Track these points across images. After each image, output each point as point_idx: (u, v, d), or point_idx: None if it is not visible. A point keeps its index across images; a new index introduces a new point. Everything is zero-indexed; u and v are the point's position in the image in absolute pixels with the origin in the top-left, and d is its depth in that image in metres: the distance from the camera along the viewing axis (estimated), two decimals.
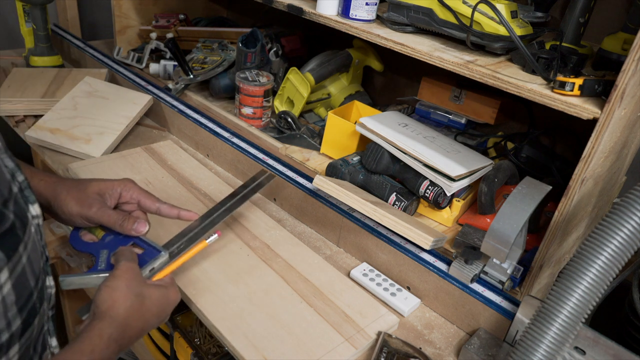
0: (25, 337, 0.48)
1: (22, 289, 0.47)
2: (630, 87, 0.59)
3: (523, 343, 0.55)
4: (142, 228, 0.68)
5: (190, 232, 0.73)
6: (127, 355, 1.49)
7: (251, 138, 1.09)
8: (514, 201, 0.69)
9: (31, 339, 0.50)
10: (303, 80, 1.13)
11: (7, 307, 0.45)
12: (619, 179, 0.95)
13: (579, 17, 0.83)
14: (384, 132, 0.90)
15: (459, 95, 1.07)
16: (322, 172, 1.00)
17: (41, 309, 0.51)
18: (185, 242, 0.71)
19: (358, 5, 0.85)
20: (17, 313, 0.46)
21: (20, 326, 0.47)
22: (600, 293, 0.53)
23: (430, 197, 0.86)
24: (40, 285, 0.51)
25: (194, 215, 0.73)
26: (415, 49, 0.78)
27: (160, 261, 0.67)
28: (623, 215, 0.51)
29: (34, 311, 0.49)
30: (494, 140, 1.04)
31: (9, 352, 0.46)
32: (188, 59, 1.28)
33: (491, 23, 0.74)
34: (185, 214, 0.73)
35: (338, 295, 0.78)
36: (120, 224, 0.67)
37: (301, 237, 0.94)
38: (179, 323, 0.90)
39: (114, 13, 1.45)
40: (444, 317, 0.81)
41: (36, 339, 0.53)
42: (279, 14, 1.14)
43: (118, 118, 1.16)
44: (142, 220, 0.68)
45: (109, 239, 0.69)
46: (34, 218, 0.51)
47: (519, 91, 0.67)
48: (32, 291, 0.49)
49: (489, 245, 0.70)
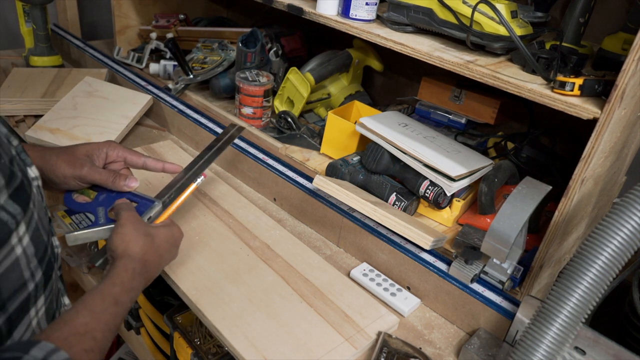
0: (48, 290, 0.53)
1: (39, 242, 0.50)
2: (630, 87, 0.59)
3: (523, 343, 0.55)
4: (133, 183, 0.72)
5: (177, 182, 0.79)
6: (127, 355, 1.49)
7: (251, 138, 1.09)
8: (514, 201, 0.69)
9: (53, 293, 0.55)
10: (303, 80, 1.13)
11: (29, 258, 0.48)
12: (619, 179, 0.95)
13: (579, 17, 0.83)
14: (384, 132, 0.90)
15: (459, 95, 1.07)
16: (322, 172, 1.00)
17: (56, 265, 0.55)
18: (174, 191, 0.77)
19: (358, 5, 0.85)
20: (38, 264, 0.50)
21: (42, 277, 0.51)
22: (600, 293, 0.53)
23: (430, 197, 0.86)
24: (51, 241, 0.55)
25: (177, 168, 0.79)
26: (415, 49, 0.78)
27: (156, 210, 0.72)
28: (623, 215, 0.51)
29: (51, 264, 0.53)
30: (494, 140, 1.04)
31: (37, 303, 0.51)
32: (188, 59, 1.28)
33: (491, 23, 0.73)
34: (170, 166, 0.78)
35: (338, 295, 0.78)
36: (112, 180, 0.71)
37: (301, 237, 0.94)
38: (179, 323, 0.90)
39: (114, 13, 1.45)
40: (444, 317, 0.81)
41: (56, 294, 0.57)
42: (279, 14, 1.14)
43: (118, 118, 1.16)
44: (132, 177, 0.73)
45: (102, 197, 0.73)
46: (33, 179, 0.54)
47: (519, 91, 0.67)
48: (47, 245, 0.53)
49: (489, 245, 0.70)
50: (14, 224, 0.46)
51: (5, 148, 0.48)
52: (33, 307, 0.50)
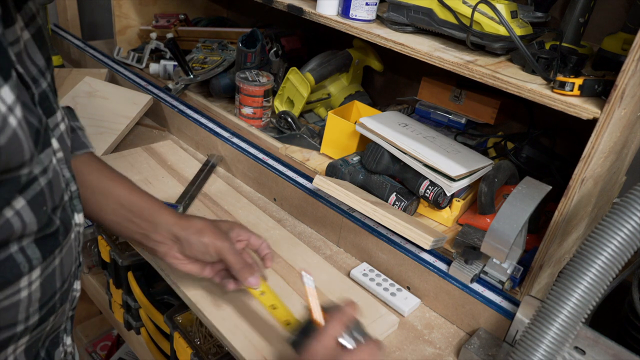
0: (37, 331, 0.51)
1: (48, 289, 0.49)
2: (630, 87, 0.59)
3: (523, 343, 0.55)
4: (254, 282, 0.68)
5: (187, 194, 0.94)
6: (127, 355, 1.49)
7: (251, 138, 1.10)
8: (514, 201, 0.69)
9: (42, 333, 0.53)
10: (303, 80, 1.13)
11: (32, 302, 0.47)
12: (619, 179, 0.95)
13: (579, 17, 0.83)
14: (384, 132, 0.90)
15: (459, 95, 1.07)
16: (322, 172, 1.00)
17: (60, 309, 0.54)
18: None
19: (358, 6, 0.85)
20: (38, 310, 0.49)
21: (36, 321, 0.49)
22: (600, 293, 0.53)
23: (430, 197, 0.86)
24: (65, 287, 0.53)
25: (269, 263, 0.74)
26: (415, 49, 0.78)
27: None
28: (623, 215, 0.51)
29: (52, 310, 0.52)
30: (494, 140, 1.04)
31: (18, 341, 0.49)
32: (188, 59, 1.28)
33: (491, 23, 0.73)
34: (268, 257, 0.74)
35: (338, 295, 0.78)
36: (241, 267, 0.67)
37: (301, 237, 0.94)
38: (179, 323, 0.90)
39: (114, 13, 1.45)
40: (444, 317, 0.81)
41: (47, 334, 0.55)
42: (279, 14, 1.14)
43: (118, 118, 1.16)
44: (256, 275, 0.69)
45: None
46: (76, 225, 0.54)
47: (519, 91, 0.67)
48: (56, 292, 0.51)
49: (489, 245, 0.70)
50: (27, 268, 0.45)
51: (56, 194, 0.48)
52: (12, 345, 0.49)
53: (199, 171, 1.05)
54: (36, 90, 0.47)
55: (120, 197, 0.68)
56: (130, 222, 0.68)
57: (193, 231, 0.67)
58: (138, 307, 1.03)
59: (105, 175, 0.69)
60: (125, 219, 0.68)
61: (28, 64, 0.46)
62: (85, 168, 0.69)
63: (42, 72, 0.49)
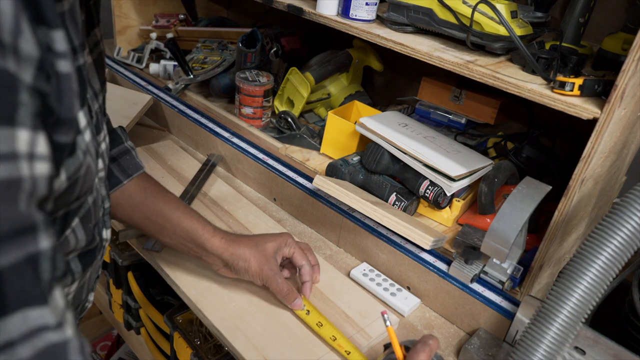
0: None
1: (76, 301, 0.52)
2: (630, 87, 0.59)
3: (523, 343, 0.55)
4: (298, 305, 0.72)
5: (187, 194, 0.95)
6: (127, 355, 1.49)
7: (251, 138, 1.10)
8: (514, 201, 0.69)
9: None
10: (303, 80, 1.13)
11: None
12: (619, 179, 0.95)
13: (579, 17, 0.83)
14: (384, 132, 0.90)
15: (459, 95, 1.07)
16: (322, 172, 1.00)
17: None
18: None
19: (358, 5, 0.85)
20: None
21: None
22: (600, 293, 0.53)
23: (430, 197, 0.86)
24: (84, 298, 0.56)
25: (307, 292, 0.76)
26: (415, 49, 0.78)
27: None
28: (623, 215, 0.51)
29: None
30: (494, 140, 1.04)
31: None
32: (188, 59, 1.28)
33: (491, 23, 0.73)
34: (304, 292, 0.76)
35: (338, 295, 0.78)
36: (285, 294, 0.71)
37: (301, 237, 0.94)
38: (179, 323, 0.90)
39: (114, 13, 1.45)
40: (444, 317, 0.81)
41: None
42: (279, 14, 1.14)
43: (118, 118, 1.15)
44: (300, 299, 0.72)
45: None
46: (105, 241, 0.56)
47: (519, 91, 0.67)
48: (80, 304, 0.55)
49: (489, 245, 0.70)
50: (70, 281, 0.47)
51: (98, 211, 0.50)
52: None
53: (199, 171, 1.05)
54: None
55: (174, 223, 0.72)
56: (184, 246, 0.73)
57: (240, 261, 0.71)
58: (138, 307, 1.04)
59: (159, 199, 0.73)
60: (180, 243, 0.73)
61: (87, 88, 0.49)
62: (143, 192, 0.73)
63: (97, 95, 0.51)
